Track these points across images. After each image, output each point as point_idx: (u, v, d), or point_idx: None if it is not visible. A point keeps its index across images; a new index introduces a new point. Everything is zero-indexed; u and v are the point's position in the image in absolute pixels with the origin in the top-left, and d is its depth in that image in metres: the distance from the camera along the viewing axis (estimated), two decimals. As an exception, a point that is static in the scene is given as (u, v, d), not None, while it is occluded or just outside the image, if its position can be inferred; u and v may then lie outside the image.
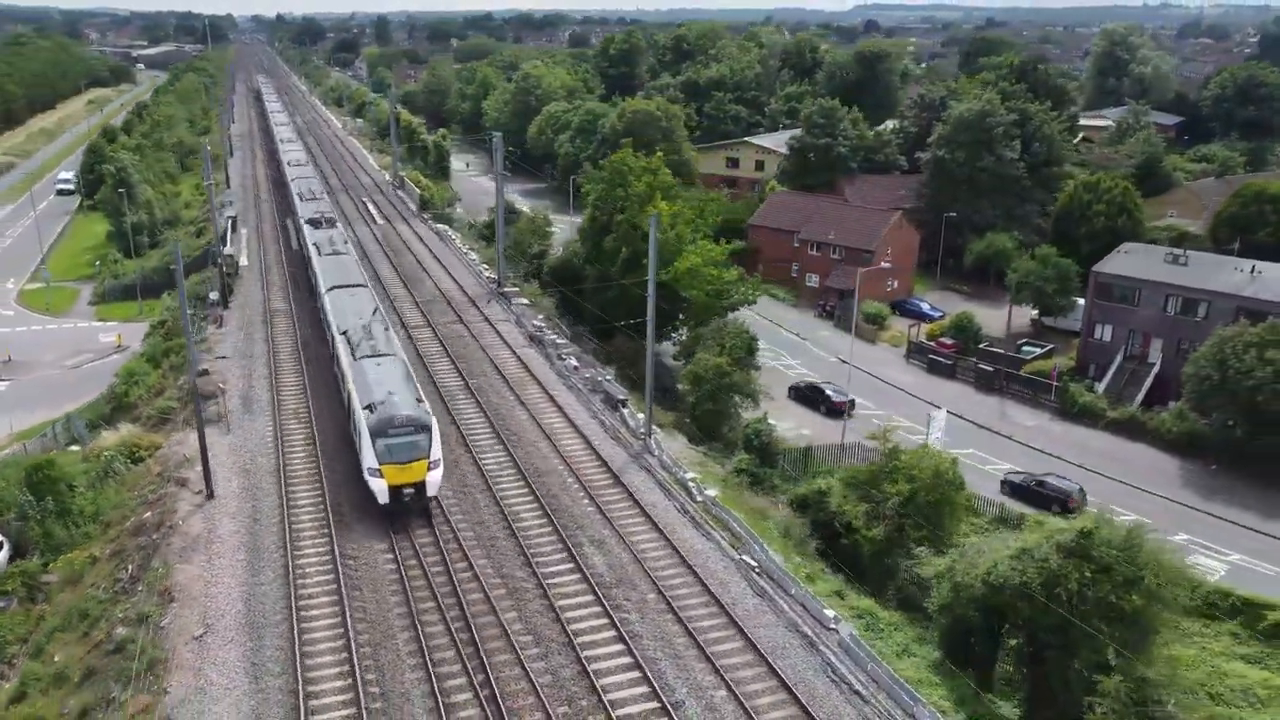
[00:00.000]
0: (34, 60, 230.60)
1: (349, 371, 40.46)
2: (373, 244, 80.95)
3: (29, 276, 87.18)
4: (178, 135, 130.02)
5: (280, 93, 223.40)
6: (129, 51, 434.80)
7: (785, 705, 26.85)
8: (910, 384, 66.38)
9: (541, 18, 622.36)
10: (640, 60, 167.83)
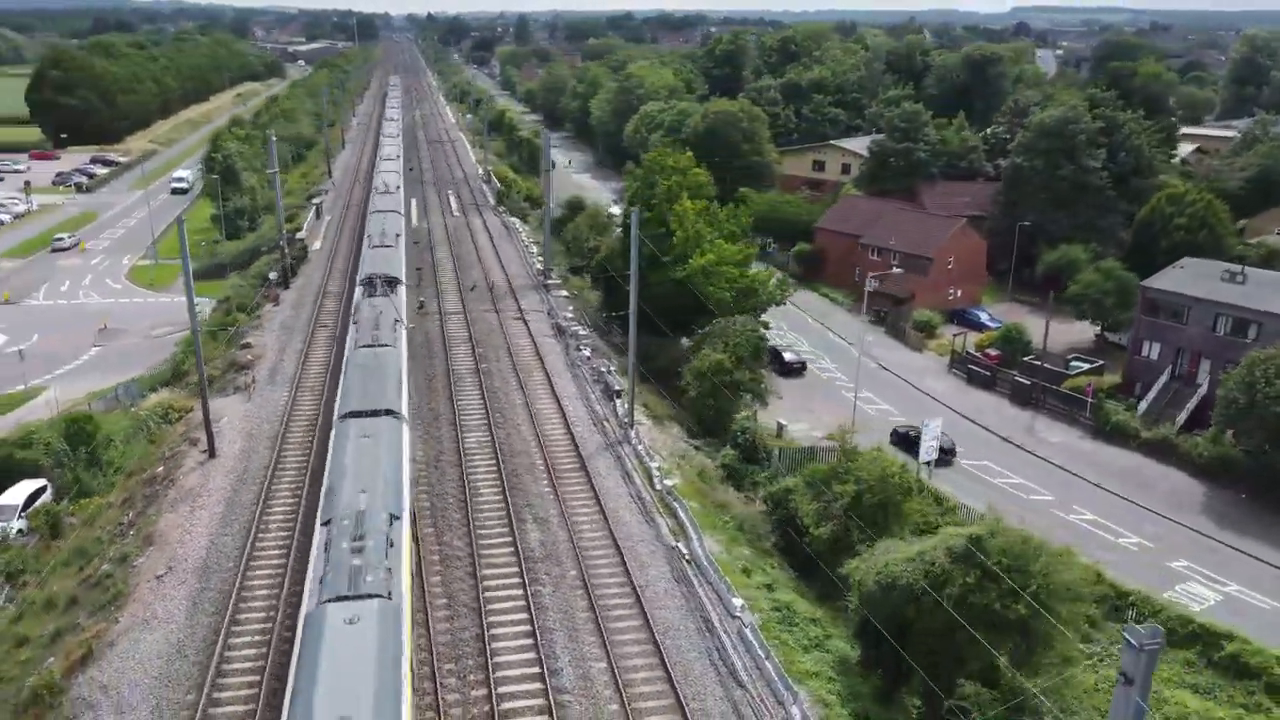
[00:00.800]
0: (193, 56, 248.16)
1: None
2: (441, 233, 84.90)
3: (141, 255, 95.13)
4: (296, 128, 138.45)
5: (409, 89, 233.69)
6: (286, 48, 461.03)
7: (657, 682, 28.10)
8: (944, 393, 65.44)
9: (681, 18, 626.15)
10: (745, 61, 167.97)
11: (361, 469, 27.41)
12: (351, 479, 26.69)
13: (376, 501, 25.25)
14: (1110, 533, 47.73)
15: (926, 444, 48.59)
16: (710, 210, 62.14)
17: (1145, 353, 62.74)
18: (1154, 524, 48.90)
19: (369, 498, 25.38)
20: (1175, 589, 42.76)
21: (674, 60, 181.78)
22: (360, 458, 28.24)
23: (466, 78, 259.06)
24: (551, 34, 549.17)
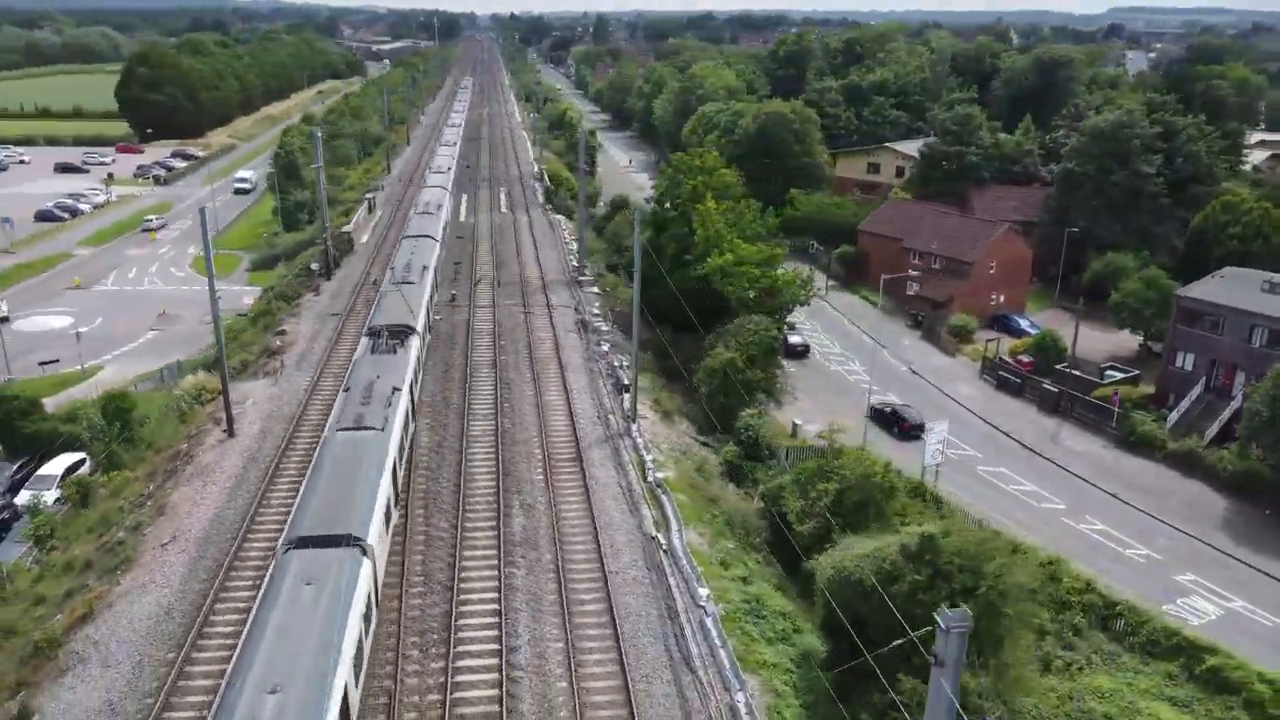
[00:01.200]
0: (276, 54, 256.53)
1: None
2: (486, 229, 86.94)
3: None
4: (364, 125, 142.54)
5: (483, 87, 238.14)
6: (370, 46, 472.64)
7: (608, 664, 29.07)
8: (970, 398, 64.87)
9: (761, 18, 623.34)
10: (809, 62, 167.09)
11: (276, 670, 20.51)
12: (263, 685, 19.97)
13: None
14: (1119, 544, 47.01)
15: (931, 447, 48.50)
16: (736, 210, 62.71)
17: (1179, 363, 61.32)
18: (1167, 537, 47.99)
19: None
20: (1176, 602, 42.01)
21: (740, 61, 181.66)
22: (276, 649, 21.14)
23: (536, 77, 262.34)
24: (632, 34, 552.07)
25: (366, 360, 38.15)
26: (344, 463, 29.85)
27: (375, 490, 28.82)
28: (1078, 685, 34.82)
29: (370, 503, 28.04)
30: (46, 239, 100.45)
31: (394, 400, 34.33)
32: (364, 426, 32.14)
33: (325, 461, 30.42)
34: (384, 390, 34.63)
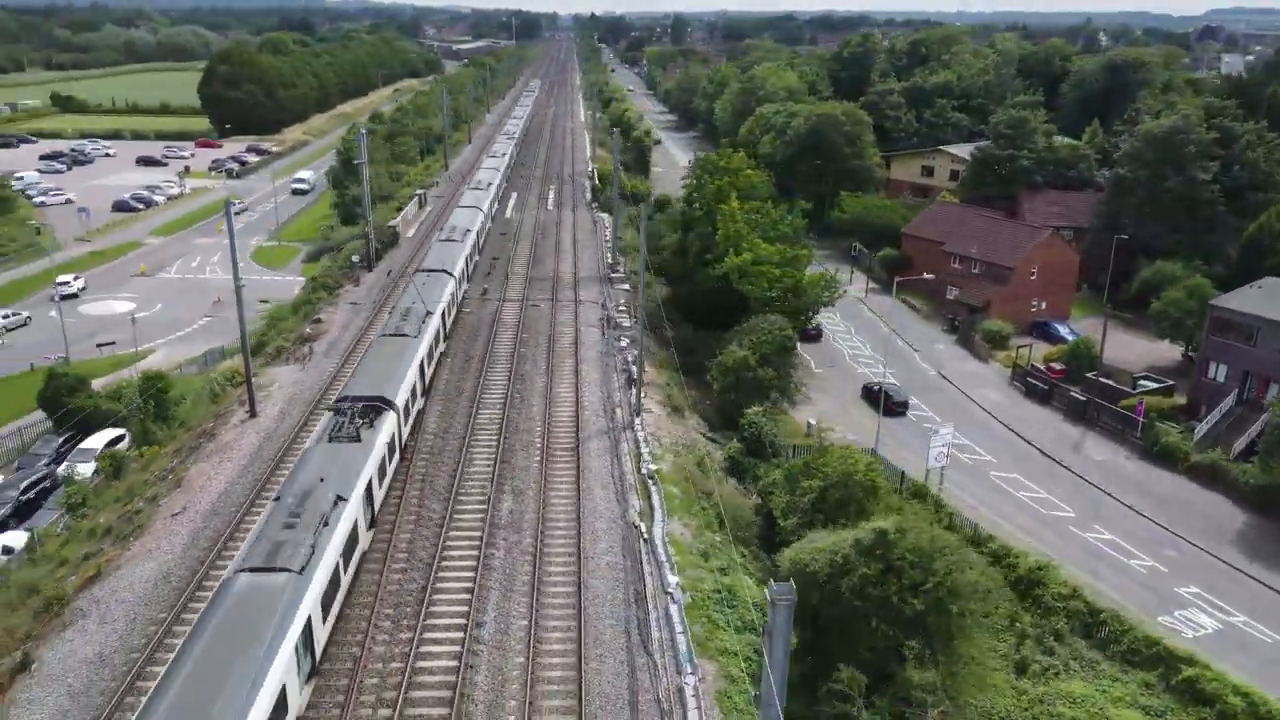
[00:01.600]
0: (355, 53, 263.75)
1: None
2: (530, 225, 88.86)
3: (266, 237, 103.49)
4: (429, 123, 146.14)
5: (553, 86, 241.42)
6: (451, 46, 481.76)
7: (567, 643, 30.25)
8: (996, 404, 64.33)
9: (842, 19, 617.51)
10: (873, 64, 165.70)
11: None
12: None
13: None
14: (1124, 554, 46.47)
15: (935, 450, 48.54)
16: (762, 211, 63.26)
17: (1212, 375, 59.98)
18: (1176, 549, 47.25)
19: None
20: (1174, 614, 41.49)
21: (805, 62, 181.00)
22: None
23: (605, 77, 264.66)
24: (710, 34, 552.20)
25: (318, 451, 32.49)
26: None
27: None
28: (1050, 690, 34.81)
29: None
30: (121, 228, 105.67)
31: (322, 539, 27.12)
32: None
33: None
34: (315, 512, 28.02)
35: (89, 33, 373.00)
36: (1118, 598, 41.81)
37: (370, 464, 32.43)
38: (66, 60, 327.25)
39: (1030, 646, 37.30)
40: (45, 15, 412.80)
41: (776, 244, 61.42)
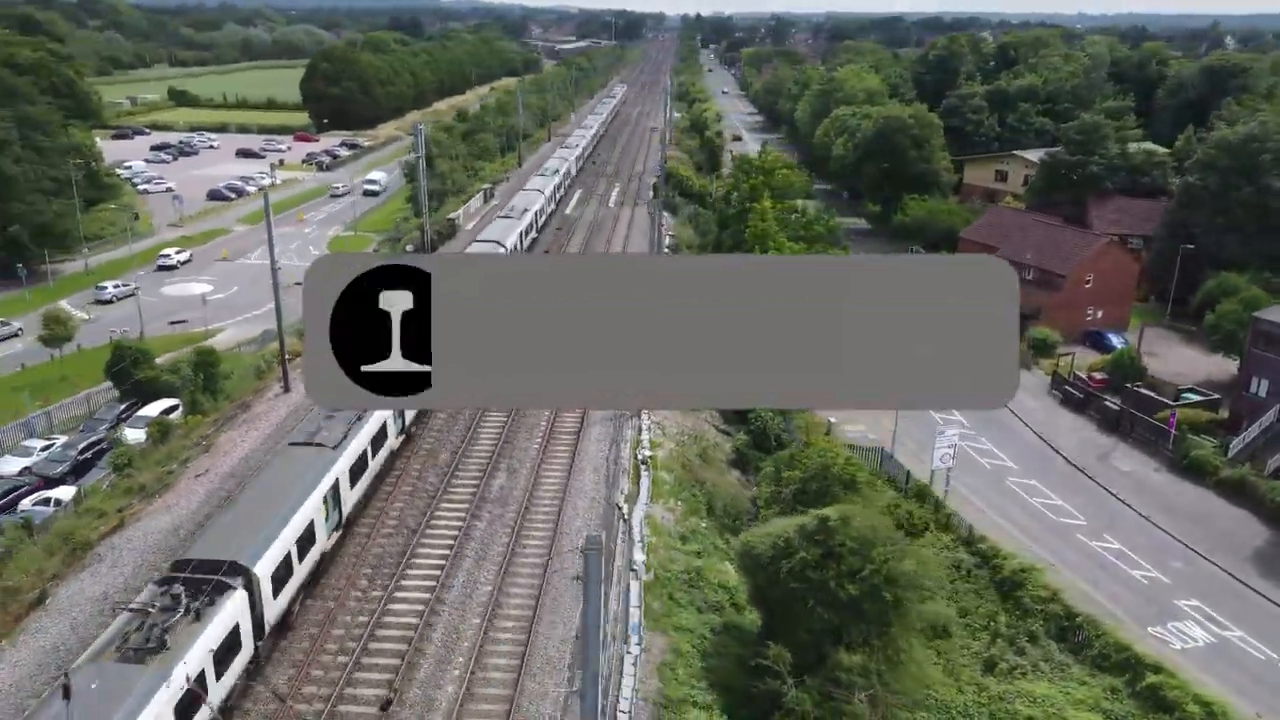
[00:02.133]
0: (454, 52, 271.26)
1: None
2: (588, 220, 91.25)
3: (345, 228, 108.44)
4: (509, 121, 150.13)
5: (644, 87, 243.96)
6: (554, 46, 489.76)
7: (524, 608, 32.14)
8: (1029, 411, 63.58)
9: (951, 20, 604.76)
10: (960, 66, 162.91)
11: None
12: None
13: None
14: (1130, 564, 45.91)
15: (940, 451, 48.71)
16: (798, 210, 64.08)
17: (1254, 389, 58.26)
18: (1186, 562, 46.43)
19: None
20: (1167, 625, 41.01)
21: (890, 65, 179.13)
22: None
23: (694, 78, 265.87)
24: (815, 35, 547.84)
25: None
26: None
27: None
28: (1013, 689, 35.11)
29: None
30: (212, 216, 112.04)
31: None
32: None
33: None
34: None
35: (211, 31, 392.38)
36: (1110, 606, 41.57)
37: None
38: (189, 57, 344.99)
39: (1001, 646, 37.56)
40: (174, 14, 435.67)
41: (811, 244, 62.09)
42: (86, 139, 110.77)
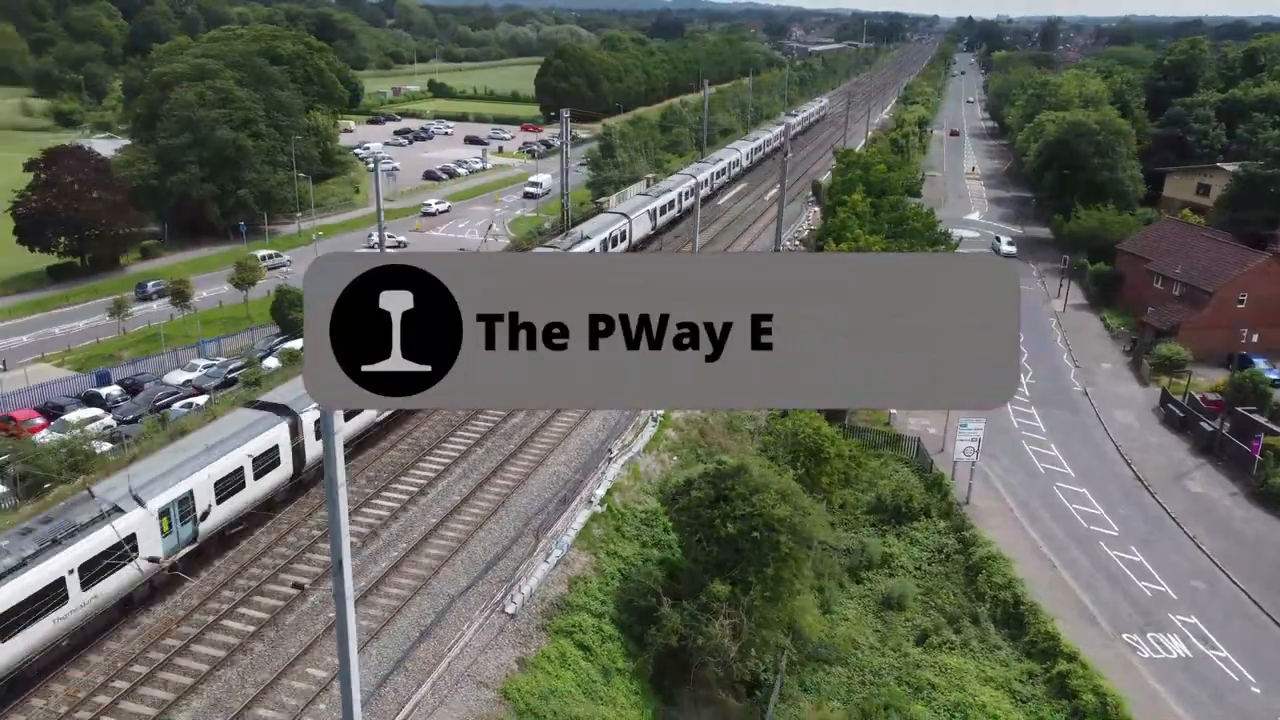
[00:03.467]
0: (693, 52, 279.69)
1: None
2: (731, 211, 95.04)
3: (531, 210, 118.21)
4: (714, 118, 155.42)
5: (873, 90, 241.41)
6: (807, 48, 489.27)
7: (480, 518, 37.54)
8: (1123, 426, 61.21)
9: (1258, 25, 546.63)
10: (1199, 73, 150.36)
11: None
12: None
13: None
14: (1142, 576, 44.72)
15: (963, 445, 49.15)
16: (892, 206, 65.12)
17: (1368, 423, 53.53)
18: (1208, 583, 44.57)
19: None
20: (1146, 636, 40.20)
21: (1122, 72, 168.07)
22: None
23: (926, 83, 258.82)
24: (1095, 40, 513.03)
25: None
26: None
27: None
28: (931, 658, 36.50)
29: None
30: (421, 193, 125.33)
31: None
32: None
33: None
34: None
35: (485, 29, 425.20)
36: (1092, 609, 41.29)
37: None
38: (461, 53, 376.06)
39: (939, 620, 38.75)
40: (458, 14, 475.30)
41: (901, 240, 63.10)
42: (327, 122, 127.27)
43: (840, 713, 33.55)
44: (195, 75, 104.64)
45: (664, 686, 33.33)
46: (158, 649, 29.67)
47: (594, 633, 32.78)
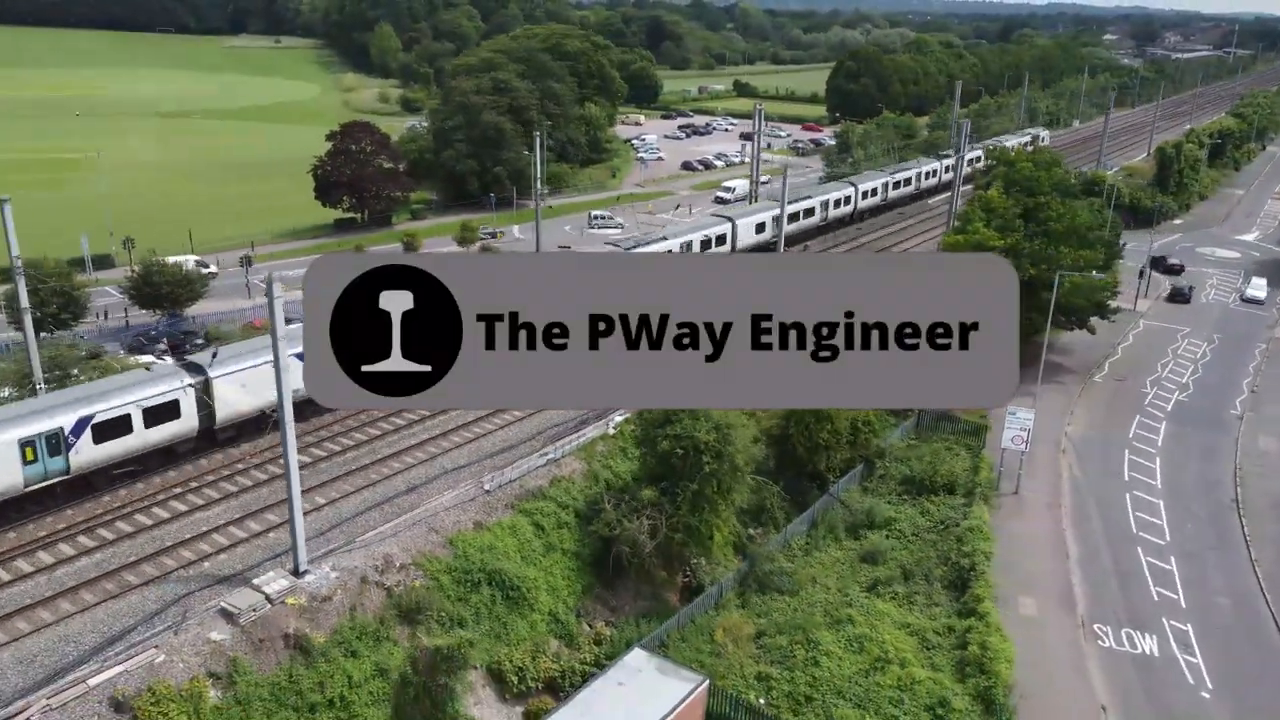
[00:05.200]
0: (1013, 56, 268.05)
1: None
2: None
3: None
4: (988, 121, 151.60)
5: (1208, 100, 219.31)
6: (1169, 54, 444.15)
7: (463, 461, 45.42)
8: (1259, 451, 57.26)
9: None
10: None
11: None
12: None
13: None
14: (1162, 583, 43.69)
15: (1012, 433, 49.67)
16: (1039, 206, 64.38)
17: None
18: (1234, 601, 42.71)
19: None
20: (1121, 630, 40.18)
21: None
22: None
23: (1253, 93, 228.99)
24: None
25: None
26: None
27: None
28: (865, 600, 39.46)
29: None
30: (671, 181, 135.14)
31: None
32: None
33: None
34: None
35: (818, 33, 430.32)
36: (1078, 593, 41.86)
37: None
38: (787, 56, 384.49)
39: (895, 572, 41.41)
40: (795, 18, 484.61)
41: (1049, 239, 62.63)
42: (599, 113, 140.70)
43: (753, 627, 37.89)
44: (483, 68, 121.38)
45: (607, 576, 39.46)
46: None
47: (552, 518, 39.65)
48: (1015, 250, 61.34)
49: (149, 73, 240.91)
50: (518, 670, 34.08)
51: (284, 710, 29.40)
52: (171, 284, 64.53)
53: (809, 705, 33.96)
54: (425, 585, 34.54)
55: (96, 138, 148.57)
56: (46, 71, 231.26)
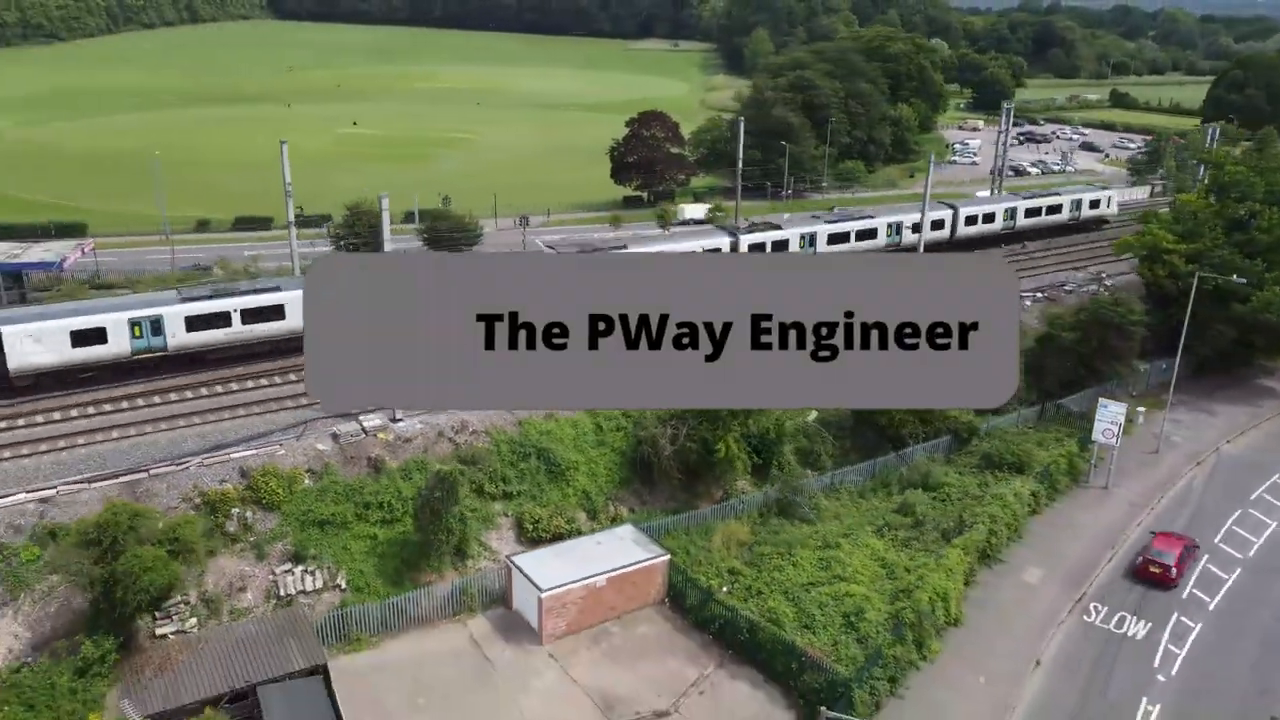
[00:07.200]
0: None
1: None
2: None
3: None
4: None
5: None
6: None
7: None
8: None
9: None
10: None
11: None
12: None
13: None
14: (1208, 587, 42.64)
15: (1103, 426, 49.31)
16: (1250, 213, 60.25)
17: None
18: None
19: None
20: (1117, 612, 40.59)
21: None
22: None
23: None
24: None
25: None
26: None
27: None
28: (863, 539, 43.32)
29: None
30: (971, 185, 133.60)
31: None
32: None
33: None
34: None
35: (1256, 40, 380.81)
36: (1087, 576, 42.54)
37: None
38: (1205, 66, 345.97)
39: (904, 522, 44.71)
40: (1229, 24, 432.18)
41: (1241, 248, 59.25)
42: (910, 114, 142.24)
43: (750, 538, 43.71)
44: (792, 66, 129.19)
45: (647, 476, 47.06)
46: None
47: (613, 421, 47.87)
48: (1199, 256, 58.66)
49: (555, 71, 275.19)
50: (534, 522, 43.12)
51: (347, 503, 41.07)
52: (450, 230, 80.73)
53: (757, 598, 39.49)
54: (486, 447, 44.75)
55: (482, 125, 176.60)
56: (466, 68, 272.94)
